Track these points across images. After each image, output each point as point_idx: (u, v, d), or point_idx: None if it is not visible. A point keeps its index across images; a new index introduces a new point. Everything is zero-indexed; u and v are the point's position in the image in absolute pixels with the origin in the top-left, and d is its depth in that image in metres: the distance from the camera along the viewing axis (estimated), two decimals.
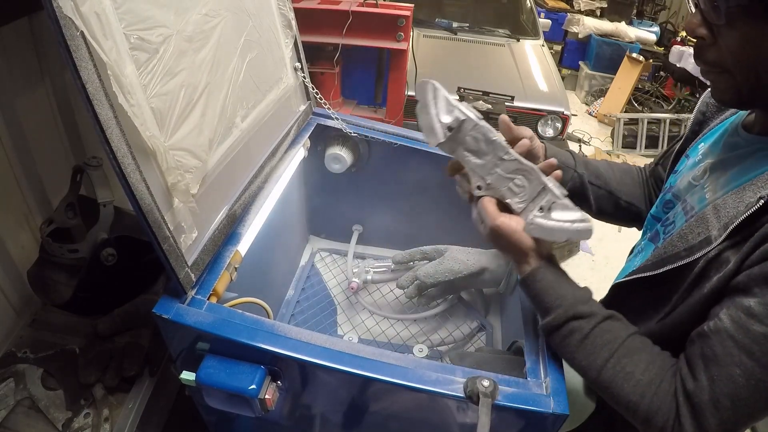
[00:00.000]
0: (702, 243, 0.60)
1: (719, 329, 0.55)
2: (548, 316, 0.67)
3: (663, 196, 0.80)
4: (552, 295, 0.68)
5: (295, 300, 1.33)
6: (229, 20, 0.85)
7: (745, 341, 0.52)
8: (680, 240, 0.64)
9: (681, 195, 0.75)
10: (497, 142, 0.68)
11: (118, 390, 0.95)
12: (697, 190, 0.70)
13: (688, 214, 0.70)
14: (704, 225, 0.61)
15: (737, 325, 0.53)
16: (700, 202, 0.68)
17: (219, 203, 0.86)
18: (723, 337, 0.54)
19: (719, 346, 0.54)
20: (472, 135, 0.69)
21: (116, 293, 1.02)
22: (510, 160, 0.68)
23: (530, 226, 0.68)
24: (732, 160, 0.66)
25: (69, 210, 0.96)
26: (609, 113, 4.88)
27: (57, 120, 1.13)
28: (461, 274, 1.13)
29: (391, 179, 1.34)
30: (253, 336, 0.70)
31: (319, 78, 2.03)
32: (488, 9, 4.17)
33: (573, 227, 0.66)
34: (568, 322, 0.65)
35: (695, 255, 0.60)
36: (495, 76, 3.33)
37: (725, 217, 0.59)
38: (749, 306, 0.52)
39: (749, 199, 0.56)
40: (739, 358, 0.52)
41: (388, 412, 0.81)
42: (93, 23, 0.54)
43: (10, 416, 0.89)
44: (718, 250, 0.58)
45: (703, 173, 0.70)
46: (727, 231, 0.57)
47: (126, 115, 0.59)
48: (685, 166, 0.78)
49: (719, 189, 0.65)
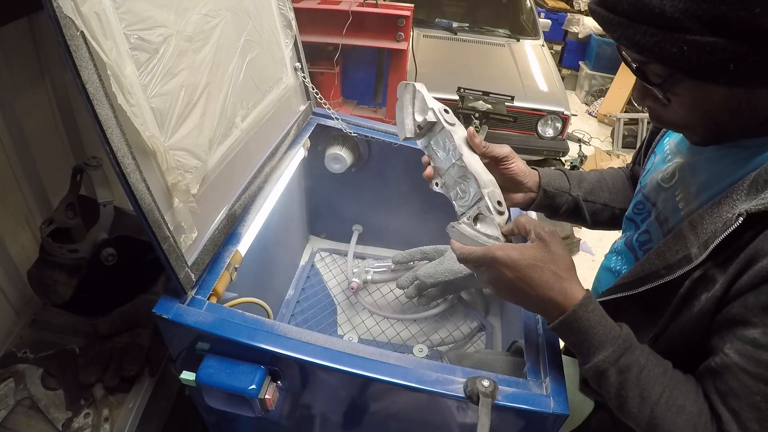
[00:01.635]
0: (682, 261, 0.60)
1: (728, 365, 0.54)
2: (604, 350, 0.59)
3: (635, 197, 0.80)
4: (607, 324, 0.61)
5: (295, 300, 1.33)
6: (229, 20, 0.85)
7: (759, 371, 0.52)
8: (658, 258, 0.63)
9: (651, 197, 0.74)
10: (456, 147, 0.74)
11: (118, 390, 0.95)
12: (668, 196, 0.70)
13: (663, 226, 0.69)
14: (682, 242, 0.61)
15: (746, 358, 0.53)
16: (674, 213, 0.67)
17: (219, 203, 0.86)
18: (735, 371, 0.53)
19: (733, 380, 0.54)
20: (438, 137, 0.76)
21: (116, 293, 1.02)
22: (460, 165, 0.73)
23: (451, 229, 0.71)
24: (701, 164, 0.65)
25: (69, 210, 0.96)
26: (609, 113, 4.89)
27: (57, 120, 1.13)
28: (461, 274, 1.13)
29: (391, 179, 1.34)
30: (253, 336, 0.70)
31: (319, 78, 2.03)
32: (488, 9, 4.18)
33: (487, 241, 0.68)
34: (625, 354, 0.59)
35: (675, 273, 0.60)
36: (495, 76, 3.33)
37: (703, 233, 0.58)
38: (754, 338, 0.52)
39: (726, 215, 0.56)
40: (757, 387, 0.52)
41: (388, 412, 0.81)
42: (93, 23, 0.54)
43: (10, 416, 0.89)
44: (703, 270, 0.57)
45: (671, 176, 0.70)
46: (708, 250, 0.56)
47: (126, 115, 0.59)
48: (653, 164, 0.77)
49: (692, 199, 0.65)
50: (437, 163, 0.77)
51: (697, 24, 0.46)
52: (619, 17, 0.52)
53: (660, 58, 0.51)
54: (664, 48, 0.49)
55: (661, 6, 0.47)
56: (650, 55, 0.51)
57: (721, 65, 0.48)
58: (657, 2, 0.48)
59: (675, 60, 0.50)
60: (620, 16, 0.51)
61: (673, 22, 0.47)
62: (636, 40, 0.51)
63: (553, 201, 0.86)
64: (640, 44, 0.51)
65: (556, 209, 0.88)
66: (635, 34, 0.51)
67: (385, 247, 1.53)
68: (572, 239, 2.93)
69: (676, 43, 0.48)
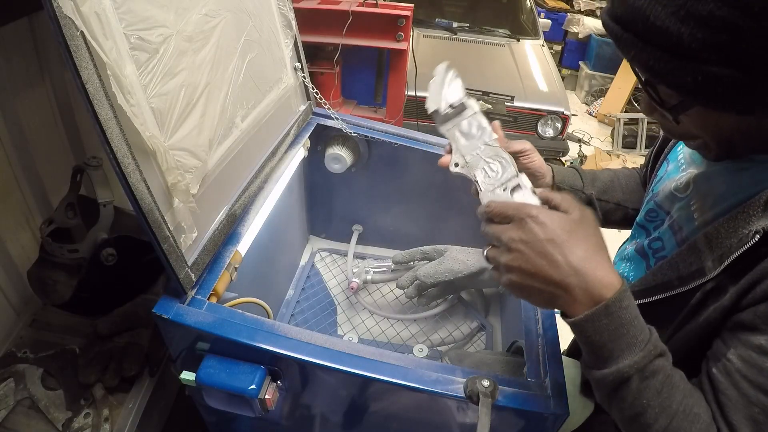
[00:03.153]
0: (695, 273, 0.59)
1: (730, 371, 0.53)
2: (632, 354, 0.52)
3: (646, 204, 0.79)
4: (639, 325, 0.54)
5: (295, 300, 1.33)
6: (229, 20, 0.85)
7: (760, 380, 0.51)
8: (671, 269, 0.63)
9: (665, 206, 0.74)
10: (487, 130, 0.74)
11: (118, 390, 0.95)
12: (683, 205, 0.69)
13: (677, 234, 0.69)
14: (696, 255, 0.60)
15: (749, 364, 0.52)
16: (689, 222, 0.67)
17: (219, 203, 0.86)
18: (736, 379, 0.53)
19: (733, 389, 0.53)
20: (468, 120, 0.76)
21: (116, 293, 1.02)
22: (493, 146, 0.72)
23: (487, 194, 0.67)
24: (717, 175, 0.64)
25: (69, 210, 0.96)
26: (609, 113, 4.89)
27: (57, 120, 1.13)
28: (461, 274, 1.13)
29: (391, 179, 1.34)
30: (253, 336, 0.70)
31: (319, 78, 2.03)
32: (488, 9, 4.18)
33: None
34: (654, 360, 0.53)
35: (689, 285, 0.59)
36: (495, 76, 3.33)
37: (718, 248, 0.57)
38: (760, 344, 0.51)
39: (742, 231, 0.55)
40: (756, 398, 0.51)
41: (388, 412, 0.81)
42: (93, 23, 0.54)
43: (10, 416, 0.89)
44: (716, 282, 0.57)
45: (686, 186, 0.69)
46: (723, 265, 0.56)
47: (126, 115, 0.59)
48: (666, 172, 0.77)
49: (707, 210, 0.64)
50: (460, 145, 0.76)
51: (714, 55, 0.45)
52: (633, 37, 0.50)
53: (672, 86, 0.50)
54: (677, 76, 0.48)
55: (678, 33, 0.45)
56: (662, 81, 0.50)
57: (734, 96, 0.47)
58: (675, 29, 0.46)
59: (688, 89, 0.48)
60: (634, 36, 0.49)
61: (690, 52, 0.46)
62: (649, 64, 0.49)
63: None
64: (653, 69, 0.49)
65: None
66: (649, 58, 0.49)
67: (385, 247, 1.53)
68: None
69: (690, 73, 0.47)
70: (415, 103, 2.18)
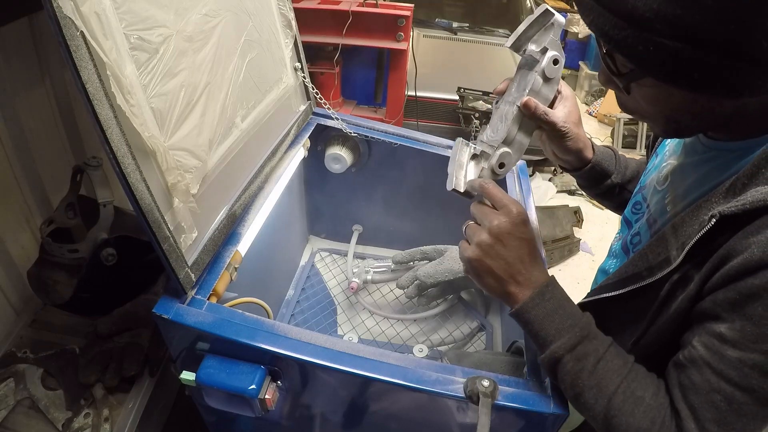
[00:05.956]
0: (662, 263, 0.59)
1: (694, 358, 0.54)
2: (562, 338, 0.60)
3: (634, 196, 0.80)
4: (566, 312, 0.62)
5: (295, 300, 1.33)
6: (229, 20, 0.85)
7: (721, 367, 0.52)
8: (641, 260, 0.63)
9: (647, 198, 0.74)
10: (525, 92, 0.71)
11: (118, 390, 0.95)
12: (659, 198, 0.70)
13: (651, 228, 0.70)
14: (664, 245, 0.61)
15: (711, 352, 0.53)
16: (662, 215, 0.67)
17: (219, 203, 0.86)
18: (699, 365, 0.54)
19: (697, 374, 0.54)
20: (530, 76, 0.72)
21: (116, 293, 1.02)
22: (514, 112, 0.72)
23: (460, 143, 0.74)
24: (691, 167, 0.65)
25: (69, 210, 0.96)
26: (609, 113, 4.88)
27: (57, 120, 1.13)
28: (461, 274, 1.13)
29: (391, 179, 1.34)
30: (253, 336, 0.70)
31: (319, 78, 2.03)
32: (488, 9, 4.17)
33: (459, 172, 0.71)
34: (582, 342, 0.60)
35: (656, 275, 0.60)
36: (495, 76, 3.32)
37: (682, 236, 0.58)
38: (720, 332, 0.52)
39: (703, 217, 0.56)
40: (718, 385, 0.52)
41: (388, 412, 0.81)
42: (93, 23, 0.54)
43: (10, 416, 0.89)
44: (682, 272, 0.57)
45: (665, 179, 0.70)
46: (684, 251, 0.56)
47: (126, 115, 0.59)
48: (653, 164, 0.77)
49: (678, 201, 0.65)
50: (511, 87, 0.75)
51: (667, 27, 0.46)
52: (594, 2, 0.51)
53: (625, 53, 0.51)
54: (630, 44, 0.49)
55: (634, 2, 0.47)
56: (616, 48, 0.51)
57: (685, 71, 0.47)
58: None
59: (639, 58, 0.49)
60: (595, 2, 0.51)
61: (644, 21, 0.47)
62: (605, 30, 0.50)
63: (593, 179, 0.87)
64: (608, 35, 0.50)
65: (590, 186, 0.89)
66: (605, 24, 0.50)
67: (385, 247, 1.53)
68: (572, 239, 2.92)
69: (642, 42, 0.48)
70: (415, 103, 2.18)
